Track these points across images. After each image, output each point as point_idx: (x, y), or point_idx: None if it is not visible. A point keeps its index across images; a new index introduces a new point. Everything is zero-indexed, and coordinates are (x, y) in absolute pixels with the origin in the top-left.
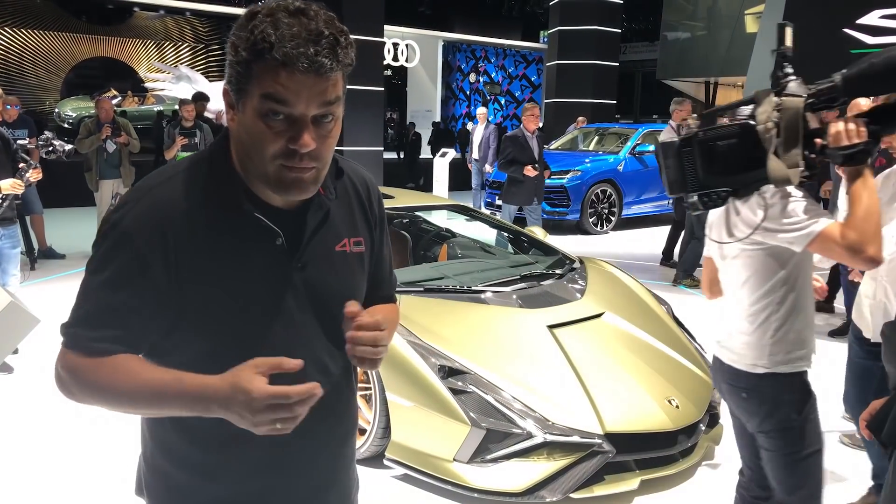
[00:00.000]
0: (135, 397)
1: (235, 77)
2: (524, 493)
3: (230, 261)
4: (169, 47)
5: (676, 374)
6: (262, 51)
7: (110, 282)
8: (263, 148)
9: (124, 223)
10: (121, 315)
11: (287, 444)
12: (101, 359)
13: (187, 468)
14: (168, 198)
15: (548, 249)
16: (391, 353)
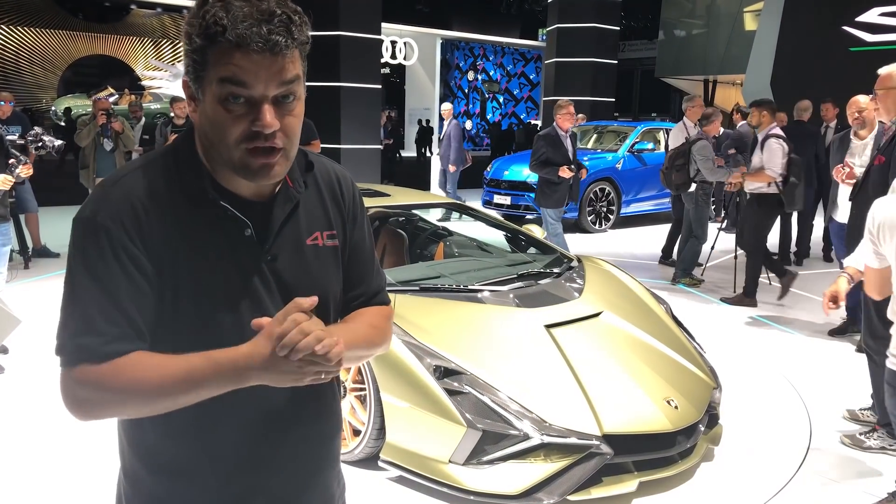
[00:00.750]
0: (168, 389)
1: (192, 66)
2: (521, 496)
3: (200, 251)
4: (166, 45)
5: (675, 374)
6: (215, 34)
7: (99, 278)
8: (226, 134)
9: (99, 218)
10: (120, 309)
11: (265, 441)
12: (117, 361)
13: (164, 471)
14: (137, 186)
15: (545, 248)
16: (386, 354)
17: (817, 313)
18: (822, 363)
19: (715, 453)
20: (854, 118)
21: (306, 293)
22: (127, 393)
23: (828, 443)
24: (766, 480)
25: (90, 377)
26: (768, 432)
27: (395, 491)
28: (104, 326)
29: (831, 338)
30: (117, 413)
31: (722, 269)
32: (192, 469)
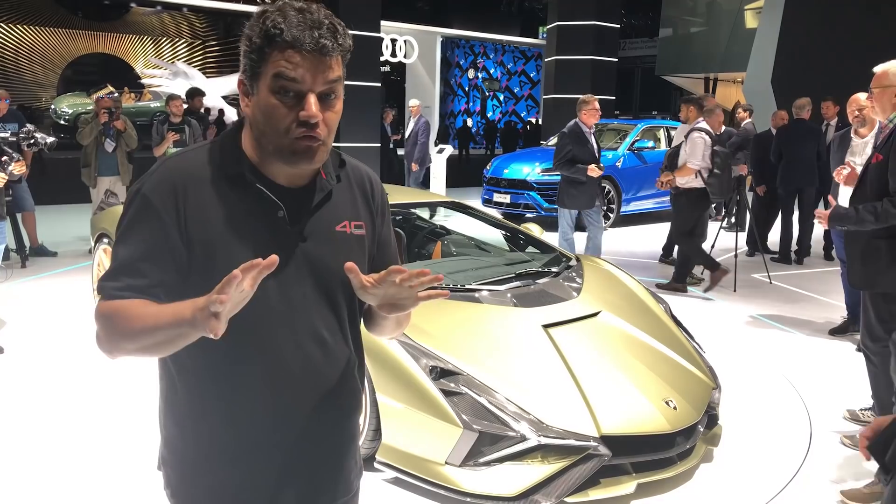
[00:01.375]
0: (143, 326)
1: (249, 65)
2: (518, 498)
3: (233, 227)
4: (166, 43)
5: (674, 374)
6: (274, 36)
7: (131, 238)
8: (278, 122)
9: (143, 189)
10: (140, 266)
11: (283, 416)
12: (119, 302)
13: (196, 439)
14: (180, 166)
15: (544, 247)
16: (382, 354)
17: (818, 312)
18: (822, 363)
19: (714, 454)
20: (854, 116)
21: (332, 274)
22: (119, 330)
23: (828, 443)
24: (766, 482)
25: (101, 312)
26: (768, 433)
27: (391, 492)
28: (122, 277)
29: (832, 337)
30: (115, 347)
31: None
32: (218, 438)
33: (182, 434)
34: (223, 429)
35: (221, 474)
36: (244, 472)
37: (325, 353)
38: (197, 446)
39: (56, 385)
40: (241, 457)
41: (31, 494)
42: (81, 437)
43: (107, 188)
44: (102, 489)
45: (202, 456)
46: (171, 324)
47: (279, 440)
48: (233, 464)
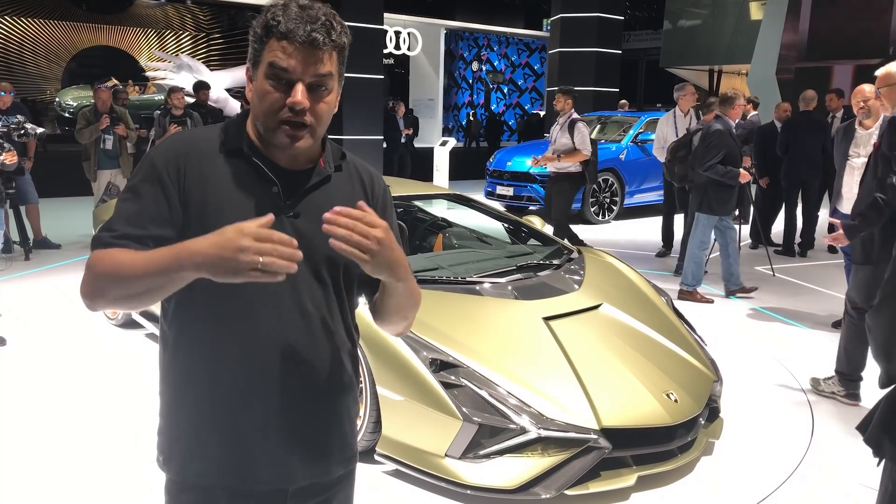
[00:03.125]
0: (135, 270)
1: (253, 53)
2: (518, 490)
3: (228, 194)
4: (170, 36)
5: (675, 367)
6: (272, 27)
7: (133, 195)
8: (269, 104)
9: (151, 155)
10: (137, 218)
11: (263, 385)
12: (112, 249)
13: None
14: (187, 138)
15: (545, 239)
16: (382, 347)
17: (821, 305)
18: (825, 356)
19: (715, 447)
20: (859, 108)
21: (319, 251)
22: (105, 272)
23: (830, 436)
24: (768, 475)
25: (92, 260)
26: (770, 426)
27: (391, 484)
28: (118, 226)
29: (835, 329)
30: (102, 295)
31: None
32: (204, 404)
33: (172, 402)
34: (208, 395)
35: (206, 439)
36: (227, 437)
37: (308, 327)
38: (185, 412)
39: (58, 377)
40: (224, 423)
41: (34, 485)
42: (83, 428)
43: (109, 181)
44: (105, 480)
45: (189, 422)
46: (162, 268)
47: (259, 410)
48: (217, 429)
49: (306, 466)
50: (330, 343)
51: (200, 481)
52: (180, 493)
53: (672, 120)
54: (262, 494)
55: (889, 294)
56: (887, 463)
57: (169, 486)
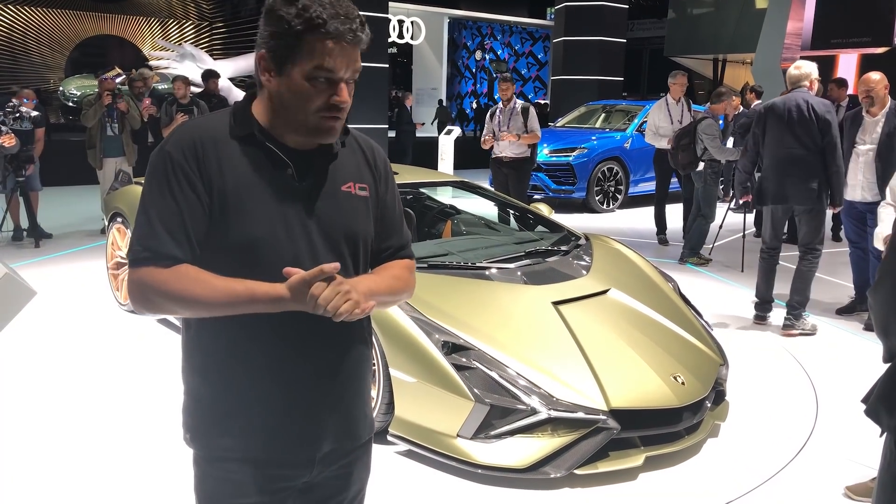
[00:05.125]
0: (210, 304)
1: (282, 46)
2: (528, 469)
3: (245, 181)
4: (173, 25)
5: (682, 350)
6: (317, 26)
7: (161, 195)
8: (309, 104)
9: (165, 148)
10: (177, 226)
11: (291, 362)
12: (175, 269)
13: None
14: (197, 126)
15: (553, 226)
16: (395, 330)
17: (825, 292)
18: (829, 341)
19: (721, 429)
20: (864, 96)
21: (337, 228)
22: (177, 298)
23: (834, 420)
24: (772, 457)
25: (154, 277)
26: (775, 409)
27: (404, 464)
28: (164, 241)
29: (839, 316)
30: (165, 311)
31: (729, 248)
32: (234, 382)
33: (202, 381)
34: (236, 373)
35: (236, 414)
36: (257, 412)
37: None
38: (212, 390)
39: (68, 363)
40: (253, 399)
41: (48, 472)
42: (106, 407)
43: (119, 168)
44: (129, 457)
45: (217, 399)
46: (243, 304)
47: (287, 385)
48: (246, 405)
49: (333, 435)
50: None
51: (230, 454)
52: (209, 465)
53: (665, 107)
54: (291, 462)
55: (886, 272)
56: (888, 435)
57: (198, 460)
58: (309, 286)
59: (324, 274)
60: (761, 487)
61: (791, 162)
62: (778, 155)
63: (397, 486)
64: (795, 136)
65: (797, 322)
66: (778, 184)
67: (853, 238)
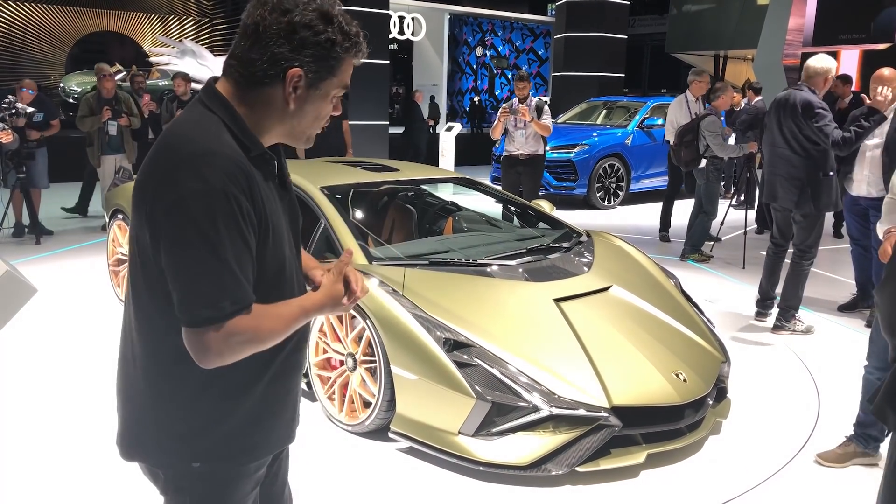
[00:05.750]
0: (282, 334)
1: (326, 67)
2: (530, 466)
3: (269, 200)
4: (173, 21)
5: (684, 347)
6: (357, 52)
7: (232, 239)
8: (321, 117)
9: (220, 185)
10: (250, 267)
11: (302, 349)
12: (257, 311)
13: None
14: (230, 154)
15: (555, 223)
16: (396, 327)
17: (827, 289)
18: (831, 338)
19: (723, 426)
20: (876, 91)
21: (297, 219)
22: (261, 340)
23: (836, 417)
24: (775, 454)
25: (247, 325)
26: (777, 406)
27: (405, 462)
28: (246, 281)
29: (841, 314)
30: (242, 356)
31: (731, 245)
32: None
33: (221, 399)
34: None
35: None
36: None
37: (303, 285)
38: (236, 402)
39: (69, 360)
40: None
41: (47, 470)
42: (91, 415)
43: (120, 165)
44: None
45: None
46: (302, 319)
47: (290, 382)
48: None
49: (296, 424)
50: None
51: (254, 458)
52: (228, 476)
53: (684, 104)
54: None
55: (894, 270)
56: (894, 434)
57: (212, 478)
58: (338, 281)
59: (343, 264)
60: (763, 485)
61: (777, 161)
62: (769, 152)
63: (398, 484)
64: (784, 135)
65: (787, 323)
66: (769, 182)
67: (855, 235)
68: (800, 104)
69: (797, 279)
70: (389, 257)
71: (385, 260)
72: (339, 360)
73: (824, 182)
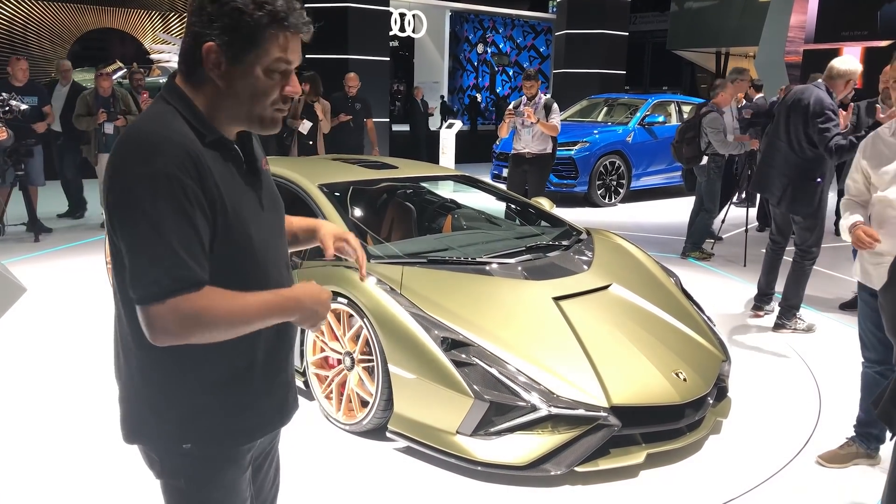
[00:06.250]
0: (249, 317)
1: (240, 38)
2: (528, 466)
3: (228, 185)
4: (174, 18)
5: (684, 346)
6: (281, 20)
7: (176, 219)
8: (267, 97)
9: (168, 169)
10: (197, 247)
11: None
12: (208, 292)
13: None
14: (181, 136)
15: (554, 221)
16: (394, 325)
17: (828, 287)
18: (832, 337)
19: (723, 426)
20: (884, 86)
21: (276, 206)
22: (220, 322)
23: (837, 416)
24: (775, 454)
25: (193, 305)
26: (778, 406)
27: (403, 461)
28: (191, 261)
29: (842, 312)
30: (202, 339)
31: (732, 243)
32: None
33: (211, 384)
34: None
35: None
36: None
37: (289, 275)
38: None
39: (68, 357)
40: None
41: (45, 469)
42: (86, 413)
43: None
44: (123, 460)
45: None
46: (270, 311)
47: (282, 363)
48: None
49: (294, 401)
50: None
51: (244, 441)
52: (221, 459)
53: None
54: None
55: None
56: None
57: (204, 462)
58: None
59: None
60: (764, 485)
61: (773, 154)
62: (767, 142)
63: (396, 484)
64: (787, 130)
65: (788, 322)
66: (760, 171)
67: None
68: (812, 103)
69: (799, 278)
70: (388, 255)
71: (383, 258)
72: (336, 358)
73: (808, 187)
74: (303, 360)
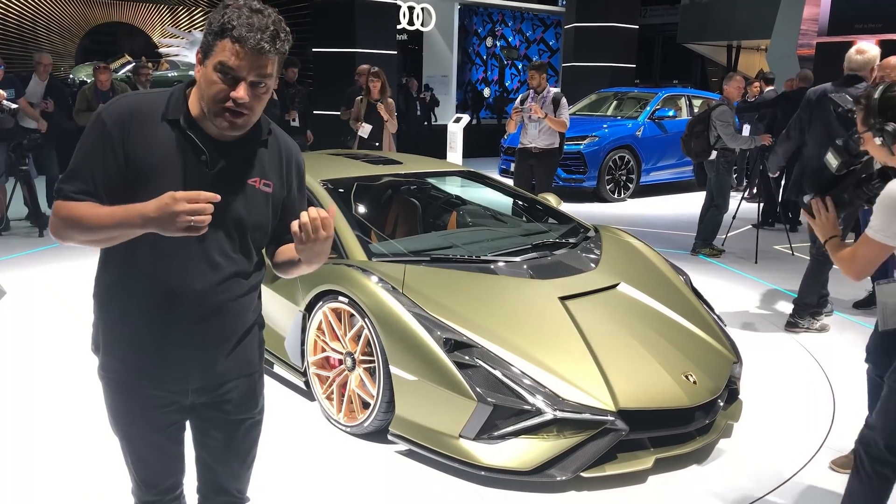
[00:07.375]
0: (99, 224)
1: (206, 44)
2: (533, 472)
3: (163, 159)
4: (182, 12)
5: (694, 347)
6: (228, 29)
7: (85, 151)
8: (214, 93)
9: (103, 115)
10: (90, 174)
11: (168, 318)
12: (75, 203)
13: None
14: (135, 102)
15: (561, 217)
16: (395, 326)
17: (841, 286)
18: (846, 336)
19: (734, 430)
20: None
21: (230, 214)
22: (74, 223)
23: (852, 419)
24: (788, 458)
25: (58, 208)
26: (790, 408)
27: (404, 464)
28: (76, 181)
29: (856, 311)
30: (69, 236)
31: (743, 239)
32: (124, 322)
33: (98, 307)
34: (126, 310)
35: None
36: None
37: (216, 277)
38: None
39: (67, 354)
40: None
41: (43, 467)
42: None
43: None
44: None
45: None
46: (121, 224)
47: (165, 330)
48: (130, 338)
49: (200, 375)
50: (234, 284)
51: (115, 376)
52: (104, 375)
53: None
54: (162, 388)
55: None
56: None
57: (99, 371)
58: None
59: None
60: (776, 491)
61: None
62: (817, 145)
63: (398, 488)
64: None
65: (801, 321)
66: (797, 180)
67: None
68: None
69: (818, 277)
70: (391, 252)
71: (387, 255)
72: (337, 359)
73: None
74: (303, 359)
